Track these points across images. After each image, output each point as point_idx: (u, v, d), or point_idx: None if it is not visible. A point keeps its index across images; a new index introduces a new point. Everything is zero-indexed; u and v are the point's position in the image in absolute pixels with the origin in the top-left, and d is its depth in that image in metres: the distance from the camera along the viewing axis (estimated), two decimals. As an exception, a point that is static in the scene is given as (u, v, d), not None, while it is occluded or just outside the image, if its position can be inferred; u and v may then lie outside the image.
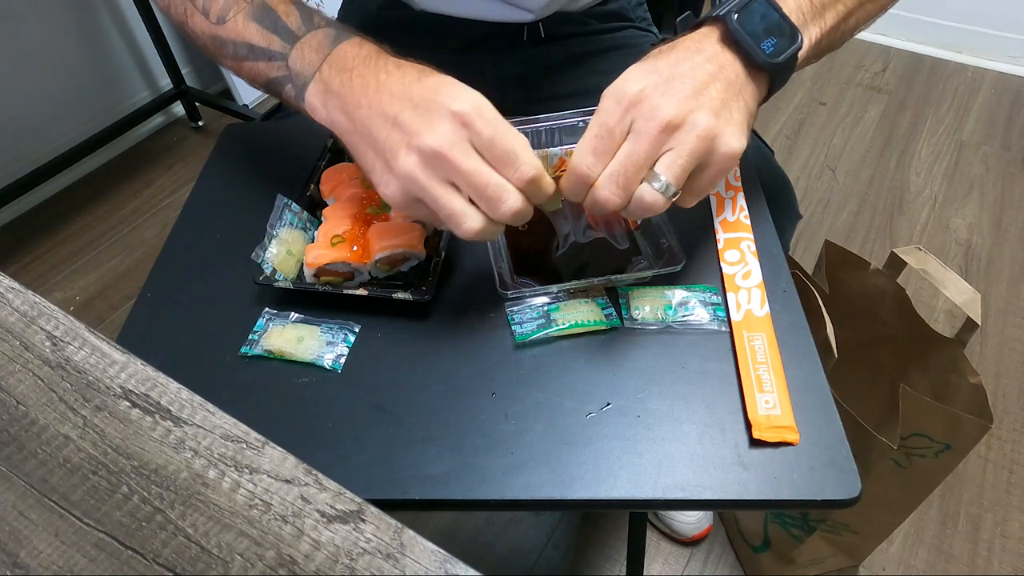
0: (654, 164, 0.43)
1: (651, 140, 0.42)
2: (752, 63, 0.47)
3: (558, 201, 0.52)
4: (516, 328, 0.50)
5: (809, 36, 0.50)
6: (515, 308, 0.51)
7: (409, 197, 0.44)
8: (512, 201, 0.42)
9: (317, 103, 0.48)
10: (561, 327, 0.50)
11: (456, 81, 0.44)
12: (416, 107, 0.43)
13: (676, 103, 0.43)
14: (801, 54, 0.49)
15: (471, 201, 0.43)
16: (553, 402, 0.47)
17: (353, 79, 0.46)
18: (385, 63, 0.46)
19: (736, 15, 0.46)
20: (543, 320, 0.50)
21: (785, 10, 0.48)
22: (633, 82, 0.44)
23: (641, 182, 0.44)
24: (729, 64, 0.46)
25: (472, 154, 0.42)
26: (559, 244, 0.56)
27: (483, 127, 0.42)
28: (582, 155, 0.44)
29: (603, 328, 0.50)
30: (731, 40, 0.47)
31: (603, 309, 0.51)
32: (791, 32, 0.47)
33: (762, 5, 0.47)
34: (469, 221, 0.42)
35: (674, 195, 0.44)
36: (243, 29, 0.51)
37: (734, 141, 0.44)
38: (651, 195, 0.43)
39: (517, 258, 0.55)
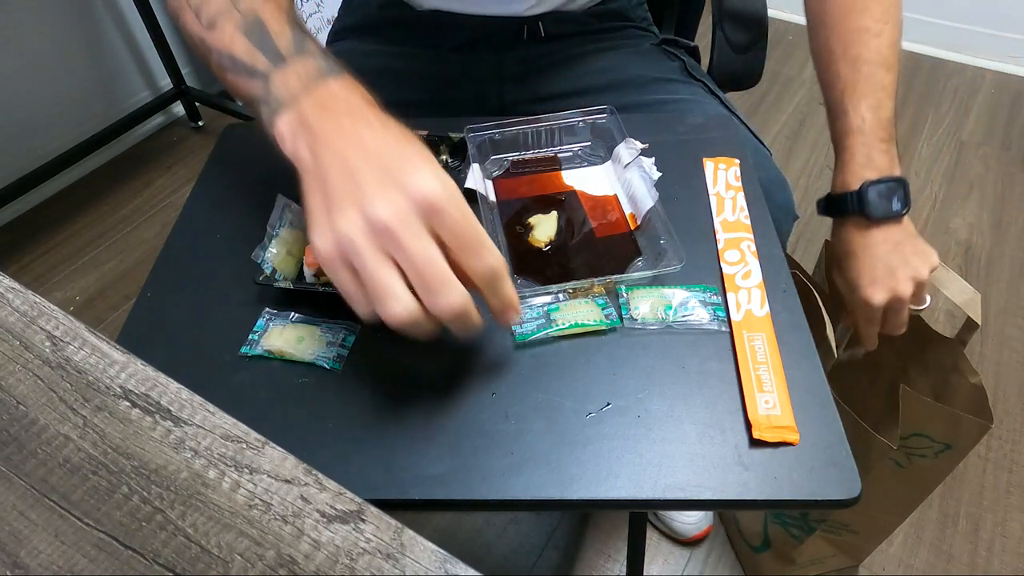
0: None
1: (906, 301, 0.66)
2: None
3: None
4: (516, 328, 0.50)
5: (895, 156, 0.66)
6: None
7: (338, 257, 0.39)
8: (455, 297, 0.39)
9: (287, 132, 0.44)
10: (561, 327, 0.50)
11: (434, 160, 0.41)
12: (381, 169, 0.40)
13: (911, 283, 0.65)
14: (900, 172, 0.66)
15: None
16: (553, 402, 0.47)
17: (330, 119, 0.43)
18: (370, 116, 0.43)
19: (872, 205, 0.63)
20: (543, 320, 0.50)
21: (889, 168, 0.65)
22: (876, 299, 0.65)
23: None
24: (902, 228, 0.65)
25: (425, 237, 0.38)
26: (562, 237, 0.56)
27: (454, 212, 0.39)
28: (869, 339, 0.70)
29: (603, 328, 0.50)
30: (876, 222, 0.64)
31: (603, 309, 0.51)
32: (898, 181, 0.64)
33: (880, 185, 0.63)
34: (399, 305, 0.38)
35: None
36: (230, 41, 0.48)
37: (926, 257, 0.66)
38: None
39: (517, 258, 0.55)
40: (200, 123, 1.89)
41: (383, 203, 0.38)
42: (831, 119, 0.68)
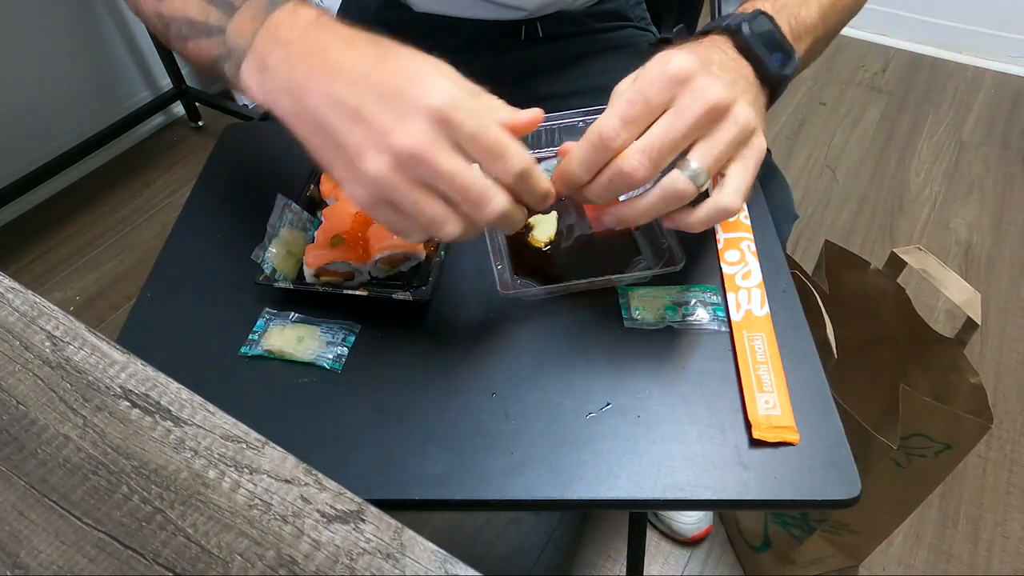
0: (687, 152, 0.41)
1: (694, 119, 0.39)
2: (762, 75, 0.46)
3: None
4: None
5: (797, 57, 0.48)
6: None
7: (378, 200, 0.39)
8: (498, 202, 0.39)
9: (252, 82, 0.42)
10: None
11: (422, 60, 0.40)
12: (382, 98, 0.38)
13: (722, 88, 0.40)
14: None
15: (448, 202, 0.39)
16: (553, 402, 0.47)
17: (293, 56, 0.40)
18: (330, 36, 0.41)
19: (748, 26, 0.46)
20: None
21: (782, 29, 0.47)
22: (677, 59, 0.40)
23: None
24: (747, 71, 0.45)
25: (452, 153, 0.37)
26: (563, 238, 0.56)
27: (465, 120, 0.37)
28: (609, 120, 0.40)
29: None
30: (745, 50, 0.46)
31: None
32: (789, 49, 0.47)
33: (765, 21, 0.47)
34: (450, 226, 0.39)
35: (702, 185, 0.41)
36: (182, 4, 0.46)
37: (762, 142, 0.43)
38: (684, 183, 0.40)
39: (517, 258, 0.55)
40: (200, 123, 1.89)
41: (401, 132, 0.37)
42: None
